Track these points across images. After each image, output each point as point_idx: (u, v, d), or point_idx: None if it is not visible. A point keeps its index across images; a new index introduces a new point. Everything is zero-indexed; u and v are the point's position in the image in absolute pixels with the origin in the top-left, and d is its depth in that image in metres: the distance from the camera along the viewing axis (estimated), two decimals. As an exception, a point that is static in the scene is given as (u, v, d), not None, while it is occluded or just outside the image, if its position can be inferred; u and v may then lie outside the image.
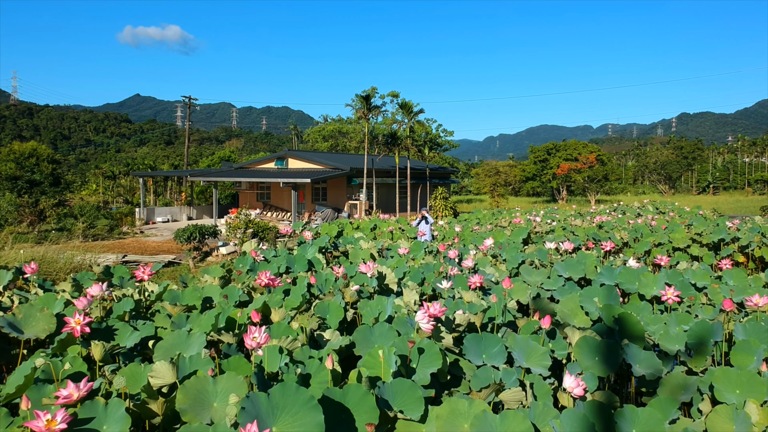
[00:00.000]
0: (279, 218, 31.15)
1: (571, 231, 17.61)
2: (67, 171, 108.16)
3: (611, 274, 8.47)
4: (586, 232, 17.52)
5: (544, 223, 20.21)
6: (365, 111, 28.79)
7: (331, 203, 30.60)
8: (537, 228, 17.96)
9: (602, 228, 18.86)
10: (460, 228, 17.96)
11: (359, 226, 19.30)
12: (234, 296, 5.87)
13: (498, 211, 30.96)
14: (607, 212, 28.97)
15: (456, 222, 25.61)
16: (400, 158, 34.01)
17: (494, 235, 16.51)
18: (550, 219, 24.10)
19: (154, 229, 30.41)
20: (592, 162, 58.48)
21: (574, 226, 18.30)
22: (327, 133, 60.79)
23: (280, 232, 24.43)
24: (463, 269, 8.56)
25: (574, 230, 17.39)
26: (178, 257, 18.32)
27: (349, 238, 12.77)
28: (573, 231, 17.45)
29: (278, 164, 31.25)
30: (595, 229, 17.66)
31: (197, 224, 17.92)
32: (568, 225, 18.52)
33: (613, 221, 21.75)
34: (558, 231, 17.24)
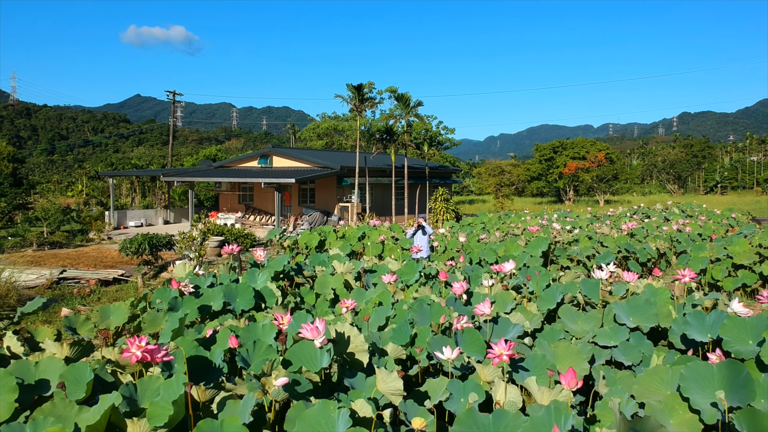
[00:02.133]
0: (263, 222, 28.19)
1: (599, 241, 14.64)
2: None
3: (702, 323, 5.52)
4: (616, 243, 14.56)
5: (564, 230, 17.24)
6: (357, 103, 25.82)
7: (319, 206, 27.64)
8: (557, 236, 15.00)
9: (634, 236, 15.89)
10: (465, 237, 14.96)
11: (345, 234, 16.31)
12: (80, 382, 3.07)
13: (505, 214, 27.97)
14: (627, 215, 25.99)
15: (459, 227, 22.61)
16: (398, 156, 31.03)
17: (507, 246, 13.54)
18: (567, 225, 21.12)
19: (123, 234, 27.44)
20: (601, 160, 55.47)
21: (600, 236, 15.35)
22: (322, 131, 57.86)
23: (258, 240, 21.46)
24: (474, 316, 5.60)
25: (602, 240, 14.42)
26: (129, 272, 15.36)
27: (321, 256, 9.80)
28: (601, 241, 14.49)
29: (261, 163, 28.29)
30: (626, 238, 14.70)
31: (148, 234, 14.97)
32: (592, 233, 15.55)
33: (643, 227, 18.78)
34: (584, 241, 14.27)
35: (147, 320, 7.27)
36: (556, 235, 14.34)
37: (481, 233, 22.61)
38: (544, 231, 15.81)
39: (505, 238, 16.21)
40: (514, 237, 15.67)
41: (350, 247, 15.05)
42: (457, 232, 20.95)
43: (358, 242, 15.33)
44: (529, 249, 13.04)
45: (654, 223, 19.93)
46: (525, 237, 14.96)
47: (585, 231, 15.54)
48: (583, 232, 15.31)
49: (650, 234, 17.24)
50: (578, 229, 17.03)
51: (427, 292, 7.24)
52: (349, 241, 15.39)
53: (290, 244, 16.30)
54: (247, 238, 19.78)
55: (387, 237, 15.34)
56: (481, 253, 13.24)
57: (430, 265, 9.38)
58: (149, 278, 14.84)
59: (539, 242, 13.07)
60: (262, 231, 27.00)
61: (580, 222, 23.60)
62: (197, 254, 13.24)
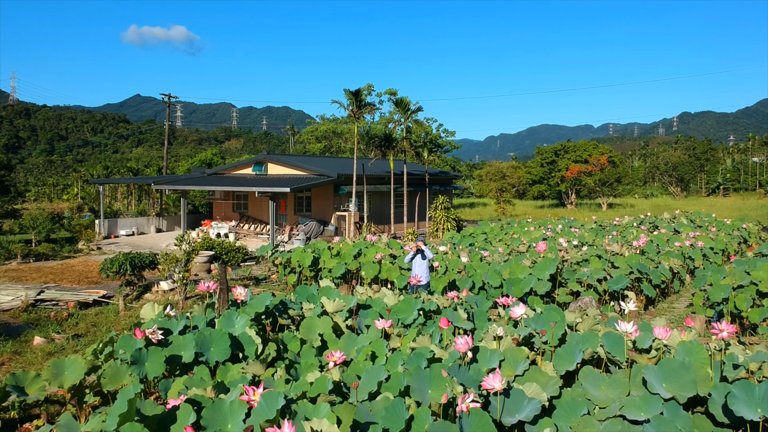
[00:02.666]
0: (257, 231, 27.33)
1: (610, 261, 13.78)
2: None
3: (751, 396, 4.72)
4: (628, 262, 13.69)
5: (571, 245, 16.37)
6: (355, 109, 24.94)
7: (315, 215, 26.77)
8: (564, 255, 14.13)
9: (645, 254, 15.03)
10: (467, 256, 14.10)
11: (340, 251, 15.46)
12: None
13: (507, 223, 27.14)
14: (634, 225, 25.14)
15: (460, 238, 21.76)
16: (397, 162, 30.18)
17: (512, 268, 12.68)
18: (574, 238, 20.25)
19: (114, 244, 26.59)
20: (604, 164, 54.57)
21: (612, 255, 14.49)
22: (320, 134, 56.97)
23: (250, 254, 20.59)
24: (482, 390, 4.75)
25: (613, 260, 13.55)
26: (112, 291, 14.50)
27: (309, 289, 8.94)
28: (612, 261, 13.63)
29: (256, 170, 27.40)
30: (638, 257, 13.84)
31: (130, 252, 14.10)
32: (601, 250, 14.69)
33: (652, 240, 17.92)
34: (594, 262, 13.40)
35: (108, 375, 6.40)
36: (563, 254, 13.47)
37: (483, 245, 21.77)
38: (550, 248, 14.95)
39: (509, 256, 15.35)
40: (518, 255, 14.81)
41: (345, 266, 14.20)
42: (459, 245, 20.10)
43: (353, 260, 14.49)
44: (536, 271, 12.19)
45: (664, 236, 19.08)
46: (531, 256, 14.10)
47: (594, 249, 14.67)
48: (592, 250, 14.45)
49: (661, 250, 16.38)
50: (586, 245, 16.16)
51: (426, 342, 6.38)
52: (344, 259, 14.55)
53: (283, 261, 15.45)
54: (239, 252, 18.92)
55: (384, 255, 14.50)
56: (484, 276, 12.39)
57: (429, 299, 8.52)
58: (132, 300, 13.99)
59: (547, 264, 12.21)
60: (256, 240, 26.14)
61: (586, 234, 22.76)
62: (181, 276, 12.38)
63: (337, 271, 13.96)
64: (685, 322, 7.04)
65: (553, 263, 12.16)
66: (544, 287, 11.80)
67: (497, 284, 12.16)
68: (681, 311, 12.13)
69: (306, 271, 14.63)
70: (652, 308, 12.42)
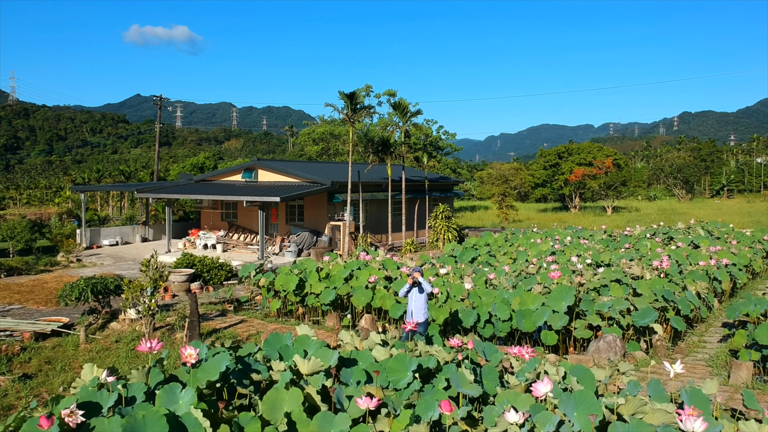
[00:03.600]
0: (247, 242, 25.83)
1: (632, 287, 12.28)
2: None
3: None
4: (651, 288, 12.19)
5: (584, 264, 14.86)
6: (349, 113, 23.43)
7: (308, 225, 25.28)
8: (580, 279, 12.62)
9: (669, 278, 13.52)
10: (471, 282, 12.60)
11: (330, 274, 13.95)
12: None
13: (511, 232, 25.63)
14: (647, 236, 23.63)
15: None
16: (395, 168, 28.70)
17: (523, 298, 11.18)
18: (585, 252, 18.73)
19: (95, 256, 25.12)
20: (609, 167, 53.05)
21: (632, 279, 13.00)
22: (317, 136, 55.47)
23: (236, 270, 19.10)
24: None
25: (635, 287, 12.06)
26: (74, 320, 12.99)
27: (282, 340, 7.44)
28: (634, 287, 12.13)
29: (246, 177, 25.90)
30: (662, 282, 12.34)
31: (93, 277, 12.59)
32: (620, 273, 13.19)
33: (672, 257, 16.43)
34: (614, 289, 11.88)
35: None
36: (580, 280, 11.97)
37: (487, 258, 20.28)
38: (563, 270, 13.44)
39: (518, 278, 13.85)
40: (528, 277, 13.31)
41: (334, 291, 12.71)
42: (460, 263, 18.59)
43: (344, 285, 12.98)
44: (551, 301, 10.70)
45: (682, 252, 17.58)
46: (543, 280, 12.60)
47: (612, 271, 13.16)
48: (610, 273, 12.94)
49: (684, 269, 14.89)
50: (602, 266, 14.66)
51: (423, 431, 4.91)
52: (334, 283, 13.05)
53: (266, 284, 13.96)
54: (222, 270, 17.43)
55: (378, 279, 13.00)
56: (491, 307, 10.89)
57: (428, 351, 7.01)
58: (97, 329, 12.49)
59: (563, 293, 10.71)
60: (245, 252, 24.66)
61: (597, 246, 21.26)
62: (147, 306, 10.90)
63: (325, 297, 12.47)
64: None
65: (570, 293, 10.67)
66: (560, 321, 10.31)
67: (506, 317, 10.67)
68: (716, 348, 10.63)
69: (291, 296, 13.14)
70: (680, 343, 10.93)
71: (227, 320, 12.61)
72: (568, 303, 10.57)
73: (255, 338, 11.08)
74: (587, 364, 9.68)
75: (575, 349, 10.97)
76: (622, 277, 12.70)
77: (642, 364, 9.44)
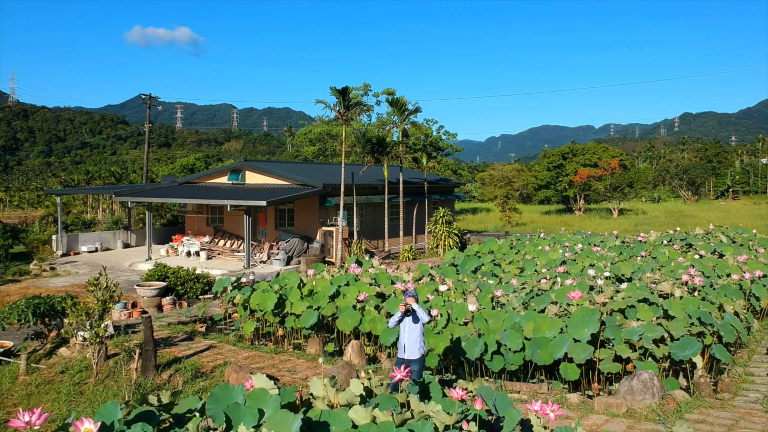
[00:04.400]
0: (234, 248, 24.14)
1: (662, 307, 10.58)
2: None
3: None
4: (684, 309, 10.52)
5: (607, 280, 13.17)
6: (342, 109, 21.74)
7: (299, 230, 23.58)
8: (601, 296, 10.93)
9: (703, 296, 11.83)
10: (475, 302, 10.89)
11: (313, 290, 12.26)
12: None
13: (517, 239, 23.92)
14: (664, 243, 21.92)
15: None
16: (392, 169, 27.02)
17: (537, 323, 9.48)
18: (600, 261, 17.04)
19: (70, 264, 23.44)
20: (615, 168, 51.32)
21: (660, 296, 11.32)
22: (314, 136, 53.78)
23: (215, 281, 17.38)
24: None
25: (667, 307, 10.36)
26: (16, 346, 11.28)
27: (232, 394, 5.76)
28: (666, 308, 10.42)
29: (232, 179, 24.20)
30: (696, 301, 10.65)
31: (36, 297, 10.86)
32: (645, 290, 11.49)
33: (697, 267, 14.76)
34: (642, 310, 10.17)
35: None
36: (603, 299, 10.27)
37: (491, 268, 18.57)
38: (580, 286, 11.74)
39: (528, 294, 12.16)
40: (541, 295, 11.63)
41: (317, 313, 11.01)
42: (462, 273, 16.87)
43: (329, 304, 11.29)
44: (571, 328, 9.01)
45: (708, 262, 15.87)
46: (558, 298, 10.91)
47: (636, 287, 11.45)
48: (635, 290, 11.23)
49: (713, 283, 13.20)
50: (624, 281, 12.96)
51: None
52: (318, 302, 11.35)
53: (242, 301, 12.26)
54: (198, 282, 15.72)
55: (369, 296, 11.31)
56: (500, 336, 9.19)
57: (422, 413, 5.32)
58: (43, 356, 10.78)
59: (585, 317, 9.02)
60: (232, 259, 22.98)
61: (610, 253, 19.56)
62: (94, 333, 9.21)
63: (306, 319, 10.78)
64: None
65: (594, 318, 8.98)
66: (584, 353, 8.62)
67: (518, 346, 8.97)
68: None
69: (269, 317, 11.44)
70: (724, 377, 9.22)
71: (193, 345, 10.91)
72: (592, 330, 8.88)
73: (220, 370, 9.39)
74: (619, 409, 8.00)
75: (599, 383, 9.29)
76: (649, 294, 11.00)
77: (685, 409, 7.75)
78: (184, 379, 9.27)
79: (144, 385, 8.87)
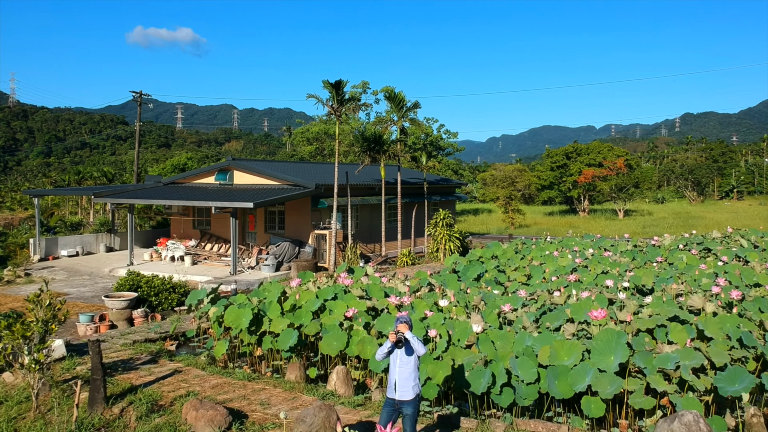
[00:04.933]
0: (221, 253, 22.75)
1: (696, 326, 9.22)
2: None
3: None
4: (721, 328, 9.13)
5: (628, 294, 11.76)
6: (335, 104, 20.33)
7: (290, 234, 22.18)
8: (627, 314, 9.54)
9: (740, 309, 10.41)
10: (480, 321, 9.47)
11: (296, 304, 10.86)
12: None
13: (522, 242, 22.52)
14: (679, 248, 20.53)
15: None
16: (390, 169, 25.61)
17: (554, 348, 8.06)
18: (614, 268, 15.62)
19: (47, 269, 22.06)
20: (620, 168, 49.86)
21: (691, 311, 9.92)
22: (311, 135, 52.39)
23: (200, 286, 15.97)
24: None
25: (702, 326, 8.96)
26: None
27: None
28: (701, 328, 9.06)
29: (219, 179, 22.79)
30: (734, 320, 9.25)
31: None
32: (673, 305, 10.10)
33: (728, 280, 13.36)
34: (675, 331, 8.74)
35: None
36: (629, 318, 8.86)
37: (496, 275, 17.16)
38: (600, 300, 10.32)
39: (539, 308, 10.74)
40: (555, 310, 10.23)
41: (297, 333, 9.60)
42: (464, 281, 15.43)
43: (312, 321, 9.88)
44: (594, 355, 7.61)
45: (734, 269, 14.46)
46: (574, 314, 9.51)
47: (662, 301, 10.04)
48: (662, 305, 9.83)
49: (745, 295, 11.77)
50: (649, 295, 11.53)
51: None
52: (300, 318, 9.94)
53: (215, 317, 10.85)
54: (174, 292, 14.31)
55: (358, 312, 9.91)
56: (511, 364, 7.78)
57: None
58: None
59: (611, 342, 7.62)
60: (218, 265, 21.58)
61: (623, 259, 18.15)
62: (33, 359, 7.81)
63: (285, 340, 9.37)
64: None
65: (621, 342, 7.58)
66: (611, 385, 7.22)
67: (532, 377, 7.56)
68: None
69: (244, 336, 10.05)
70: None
71: (156, 369, 9.50)
72: (620, 359, 7.47)
73: (181, 402, 7.98)
74: (659, 460, 6.63)
75: (626, 417, 7.89)
76: (678, 310, 9.59)
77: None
78: (138, 414, 7.86)
79: (87, 424, 7.47)
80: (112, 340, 11.40)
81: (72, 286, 19.40)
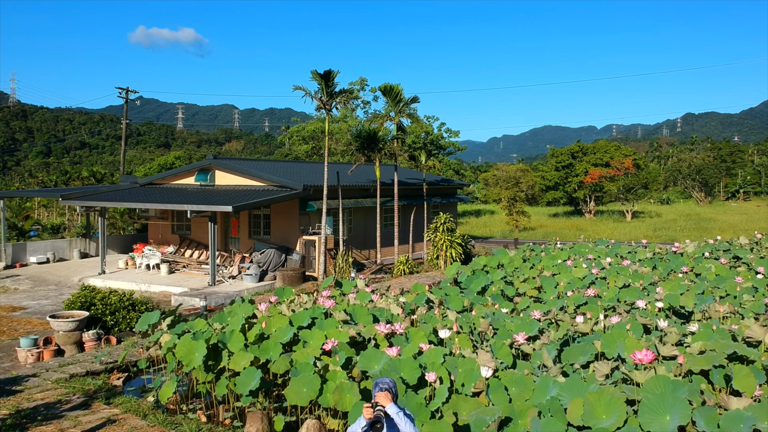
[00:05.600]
0: (201, 260, 20.88)
1: (765, 368, 7.37)
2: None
3: None
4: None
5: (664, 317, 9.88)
6: (324, 97, 18.46)
7: (276, 239, 20.32)
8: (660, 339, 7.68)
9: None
10: (491, 363, 7.57)
11: (263, 333, 8.98)
12: None
13: (530, 248, 20.68)
14: (704, 255, 18.67)
15: (470, 274, 15.21)
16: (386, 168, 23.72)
17: (590, 403, 6.12)
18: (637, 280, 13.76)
19: (11, 278, 20.22)
20: (628, 168, 47.96)
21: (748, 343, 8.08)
22: (307, 134, 50.55)
23: (166, 305, 14.08)
24: None
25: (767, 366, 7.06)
26: None
27: None
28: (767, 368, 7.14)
29: (200, 179, 20.94)
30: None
31: None
32: (726, 335, 8.26)
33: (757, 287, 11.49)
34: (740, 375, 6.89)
35: None
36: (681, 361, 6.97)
37: (503, 287, 15.32)
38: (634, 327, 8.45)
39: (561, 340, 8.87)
40: (580, 341, 8.36)
41: (261, 375, 7.69)
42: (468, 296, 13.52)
43: (281, 356, 8.00)
44: (643, 413, 5.78)
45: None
46: (606, 347, 7.64)
47: (715, 333, 8.17)
48: (711, 335, 7.97)
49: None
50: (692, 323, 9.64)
51: None
52: (267, 352, 8.05)
53: (168, 347, 8.98)
54: (135, 310, 12.44)
55: (340, 344, 8.03)
56: (533, 427, 5.90)
57: None
58: None
59: (665, 396, 5.78)
60: (197, 273, 19.73)
61: (642, 265, 16.31)
62: None
63: (245, 382, 7.48)
64: None
65: (680, 396, 5.71)
66: (670, 461, 5.33)
67: (561, 448, 5.67)
68: None
69: (199, 374, 8.19)
70: None
71: (85, 419, 7.62)
72: (678, 420, 5.60)
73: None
74: None
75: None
76: (733, 343, 7.71)
77: None
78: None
79: None
80: (47, 373, 9.53)
81: (33, 299, 17.53)
